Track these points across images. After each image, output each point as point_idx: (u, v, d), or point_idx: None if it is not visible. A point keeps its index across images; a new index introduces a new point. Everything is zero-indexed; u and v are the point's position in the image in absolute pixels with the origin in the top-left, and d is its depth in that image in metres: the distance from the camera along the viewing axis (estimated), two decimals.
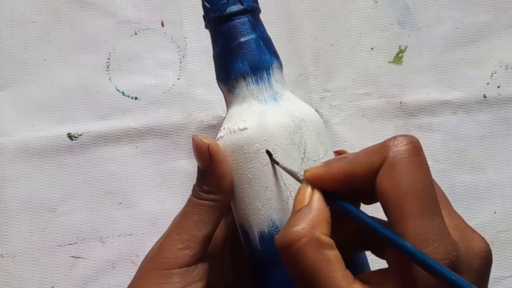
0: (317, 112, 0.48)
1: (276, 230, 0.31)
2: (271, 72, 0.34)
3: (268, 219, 0.31)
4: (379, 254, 0.30)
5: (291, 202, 0.31)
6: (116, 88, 0.47)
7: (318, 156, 0.32)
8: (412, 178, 0.25)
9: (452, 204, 0.28)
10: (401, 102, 0.49)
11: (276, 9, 0.49)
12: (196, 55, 0.48)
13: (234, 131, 0.32)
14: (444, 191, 0.40)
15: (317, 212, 0.26)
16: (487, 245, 0.26)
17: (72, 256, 0.46)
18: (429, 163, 0.48)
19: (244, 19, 0.33)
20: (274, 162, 0.31)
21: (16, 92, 0.47)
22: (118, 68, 0.48)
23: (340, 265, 0.25)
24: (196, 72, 0.48)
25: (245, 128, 0.32)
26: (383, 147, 0.26)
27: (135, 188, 0.46)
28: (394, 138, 0.26)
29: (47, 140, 0.46)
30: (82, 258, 0.46)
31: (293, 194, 0.31)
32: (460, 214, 0.26)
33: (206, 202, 0.31)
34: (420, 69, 0.49)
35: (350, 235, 0.28)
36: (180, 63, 0.48)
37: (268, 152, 0.31)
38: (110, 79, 0.48)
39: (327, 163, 0.28)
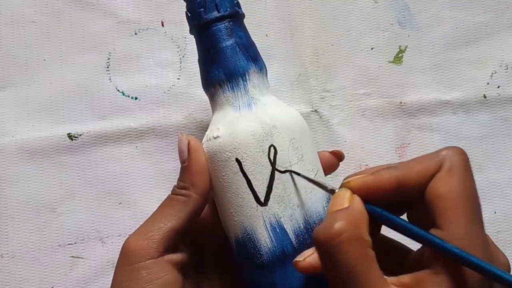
0: (317, 112, 0.48)
1: (248, 236, 0.31)
2: (247, 78, 0.33)
3: (240, 226, 0.32)
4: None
5: (260, 210, 0.31)
6: (116, 88, 0.47)
7: (290, 162, 0.32)
8: (467, 186, 0.27)
9: None
10: (401, 102, 0.49)
11: (276, 9, 0.49)
12: (196, 55, 0.48)
13: (210, 139, 0.33)
14: None
15: (359, 212, 0.27)
16: (509, 263, 0.29)
17: (72, 256, 0.46)
18: None
19: (221, 26, 0.33)
20: (243, 174, 0.31)
21: (16, 92, 0.47)
22: (118, 68, 0.48)
23: (377, 265, 0.26)
24: (196, 72, 0.47)
25: (218, 136, 0.32)
26: (437, 155, 0.28)
27: (135, 188, 0.46)
28: (448, 148, 0.28)
29: (47, 140, 0.46)
30: (82, 258, 0.46)
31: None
32: None
33: (178, 197, 0.32)
34: (420, 69, 0.49)
35: None
36: (180, 63, 0.48)
37: (238, 161, 0.31)
38: (110, 79, 0.48)
39: (374, 172, 0.28)
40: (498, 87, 0.49)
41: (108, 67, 0.48)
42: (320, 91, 0.48)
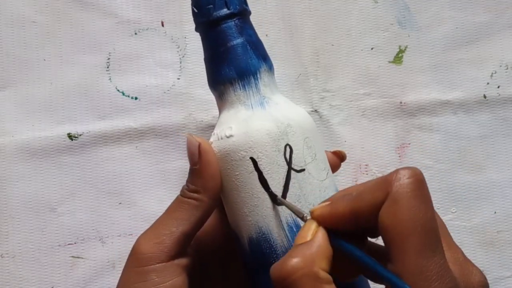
0: (317, 112, 0.48)
1: (263, 236, 0.31)
2: (258, 76, 0.33)
3: (255, 225, 0.31)
4: (376, 281, 0.30)
5: (277, 209, 0.31)
6: (116, 88, 0.47)
7: (305, 161, 0.31)
8: (414, 214, 0.24)
9: (452, 204, 0.28)
10: (401, 102, 0.49)
11: (276, 9, 0.49)
12: (196, 55, 0.48)
13: (221, 138, 0.32)
14: (444, 191, 0.39)
15: (318, 248, 0.26)
16: (485, 278, 0.27)
17: (72, 256, 0.46)
18: (429, 163, 0.49)
19: (230, 23, 0.33)
20: (258, 173, 0.31)
21: (16, 92, 0.47)
22: (118, 68, 0.48)
23: None
24: (196, 72, 0.48)
25: (231, 135, 0.32)
26: (386, 181, 0.25)
27: (135, 188, 0.46)
28: (397, 171, 0.25)
29: (47, 140, 0.46)
30: (82, 258, 0.46)
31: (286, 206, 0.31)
32: (460, 214, 0.26)
33: (189, 200, 0.31)
34: (420, 69, 0.49)
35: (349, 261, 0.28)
36: (180, 63, 0.48)
37: (253, 160, 0.31)
38: (110, 79, 0.48)
39: (332, 202, 0.27)
40: (498, 87, 0.49)
41: (108, 67, 0.48)
42: (320, 91, 0.49)
